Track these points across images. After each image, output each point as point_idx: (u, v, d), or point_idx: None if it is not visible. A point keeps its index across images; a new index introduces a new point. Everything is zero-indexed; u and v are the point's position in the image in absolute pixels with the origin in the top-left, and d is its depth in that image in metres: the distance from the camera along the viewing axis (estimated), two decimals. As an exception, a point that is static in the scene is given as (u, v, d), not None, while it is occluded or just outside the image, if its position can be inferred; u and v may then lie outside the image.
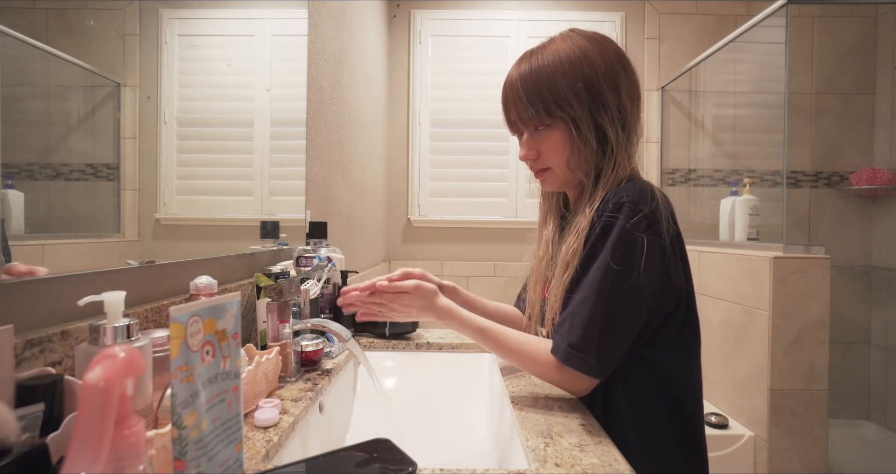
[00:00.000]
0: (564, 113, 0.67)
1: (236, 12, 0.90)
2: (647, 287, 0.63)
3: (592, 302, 0.63)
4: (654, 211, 0.63)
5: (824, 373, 1.57)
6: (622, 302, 0.62)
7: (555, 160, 0.72)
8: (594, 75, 0.66)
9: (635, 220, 0.62)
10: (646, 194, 0.64)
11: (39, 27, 0.48)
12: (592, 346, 0.62)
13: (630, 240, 0.62)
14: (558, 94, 0.67)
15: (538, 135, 0.72)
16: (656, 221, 0.63)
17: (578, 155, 0.70)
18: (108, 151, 0.57)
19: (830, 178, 2.44)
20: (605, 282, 0.62)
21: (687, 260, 0.68)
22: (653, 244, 0.62)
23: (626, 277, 0.62)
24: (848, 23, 2.43)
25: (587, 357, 0.63)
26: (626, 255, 0.62)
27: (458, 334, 1.12)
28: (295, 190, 1.15)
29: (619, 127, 0.68)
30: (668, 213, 0.65)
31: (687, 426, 0.69)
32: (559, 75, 0.67)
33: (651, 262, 0.62)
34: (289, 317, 0.72)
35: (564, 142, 0.69)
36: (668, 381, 0.68)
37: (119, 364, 0.29)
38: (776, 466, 1.57)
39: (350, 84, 1.65)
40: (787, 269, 1.56)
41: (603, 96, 0.67)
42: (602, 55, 0.67)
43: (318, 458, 0.48)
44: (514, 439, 0.64)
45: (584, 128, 0.67)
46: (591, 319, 0.62)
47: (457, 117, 2.52)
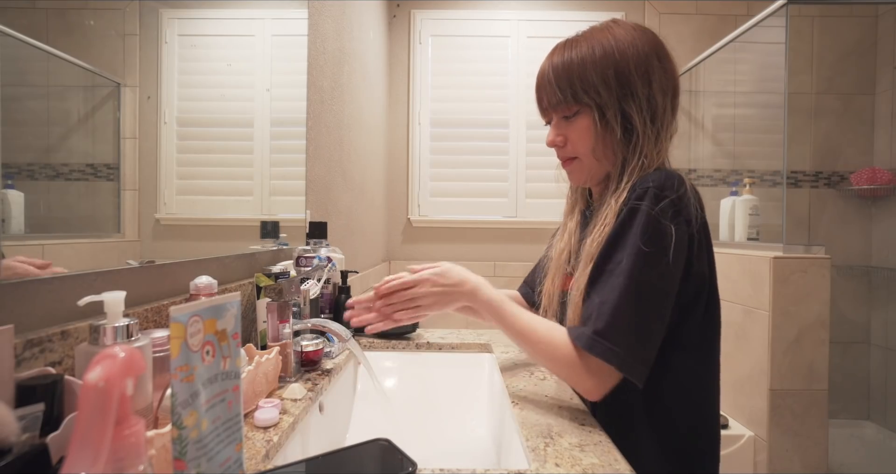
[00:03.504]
0: (591, 100, 0.66)
1: (236, 12, 0.90)
2: (677, 276, 0.60)
3: (623, 288, 0.58)
4: (682, 197, 0.61)
5: (824, 373, 1.57)
6: (655, 289, 0.59)
7: (582, 148, 0.70)
8: (625, 64, 0.65)
9: (661, 206, 0.60)
10: (672, 180, 0.62)
11: (39, 27, 0.47)
12: (621, 335, 0.58)
13: (657, 227, 0.59)
14: (587, 81, 0.66)
15: (566, 122, 0.71)
16: (684, 208, 0.61)
17: (604, 144, 0.68)
18: (108, 151, 0.57)
19: (830, 178, 2.44)
20: (636, 267, 0.58)
21: (712, 252, 0.66)
22: (680, 232, 0.59)
23: (657, 263, 0.59)
24: (848, 23, 2.43)
25: (614, 345, 0.57)
26: (656, 241, 0.59)
27: (457, 334, 1.12)
28: (295, 190, 1.15)
29: (648, 118, 0.66)
30: (696, 201, 0.63)
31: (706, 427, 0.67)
32: (590, 64, 0.66)
33: (679, 251, 0.59)
34: (289, 317, 0.72)
35: (590, 130, 0.68)
36: (687, 380, 0.65)
37: (119, 364, 0.29)
38: (776, 466, 1.57)
39: (350, 84, 1.65)
40: (787, 269, 1.56)
41: (632, 85, 0.65)
42: (637, 44, 0.66)
43: (318, 458, 0.48)
44: (514, 439, 0.64)
45: (610, 115, 0.66)
46: (620, 306, 0.58)
47: (457, 117, 2.52)
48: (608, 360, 0.58)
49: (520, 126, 2.49)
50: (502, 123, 2.50)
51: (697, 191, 0.66)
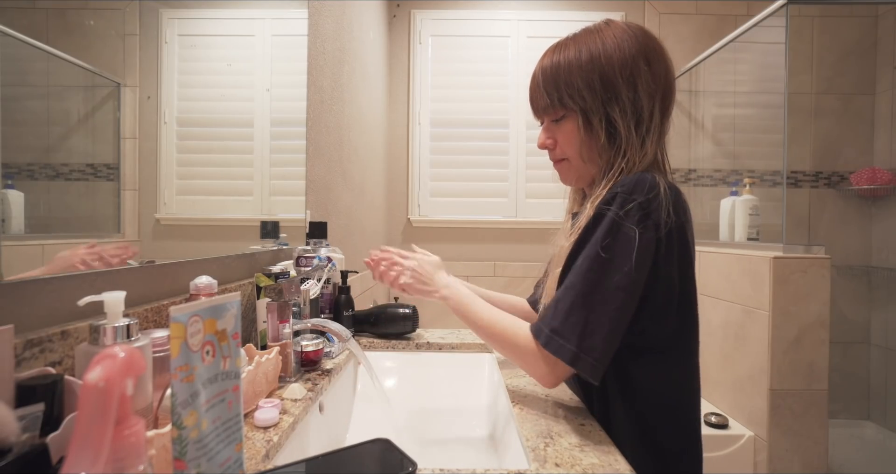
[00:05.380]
0: (575, 104, 0.67)
1: (236, 12, 0.90)
2: (638, 280, 0.60)
3: (577, 290, 0.61)
4: (651, 200, 0.61)
5: (824, 373, 1.57)
6: (610, 293, 0.60)
7: (569, 151, 0.72)
8: (610, 68, 0.65)
9: (627, 210, 0.60)
10: (643, 184, 0.62)
11: (39, 27, 0.47)
12: (573, 332, 0.60)
13: (619, 230, 0.60)
14: (572, 86, 0.67)
15: (555, 125, 0.72)
16: (653, 211, 0.61)
17: (589, 147, 0.69)
18: (108, 151, 0.57)
19: (830, 178, 2.44)
20: (591, 270, 0.61)
21: (689, 254, 0.66)
22: (644, 235, 0.60)
23: (614, 267, 0.60)
24: (848, 23, 2.43)
25: (566, 342, 0.61)
26: (616, 245, 0.60)
27: (457, 334, 1.12)
28: (295, 190, 1.15)
29: (632, 122, 0.66)
30: (668, 204, 0.62)
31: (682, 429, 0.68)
32: (576, 68, 0.67)
33: (642, 254, 0.60)
34: (289, 317, 0.72)
35: (575, 134, 0.69)
36: (659, 383, 0.66)
37: (119, 364, 0.29)
38: (776, 466, 1.57)
39: (350, 84, 1.65)
40: (787, 269, 1.56)
41: (617, 90, 0.66)
42: (624, 47, 0.66)
43: (318, 458, 0.48)
44: (514, 439, 0.64)
45: (595, 120, 0.67)
46: (574, 305, 0.61)
47: (457, 117, 2.52)
48: (560, 356, 0.61)
49: (520, 126, 2.49)
50: (502, 123, 2.50)
51: (682, 195, 0.66)
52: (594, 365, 0.60)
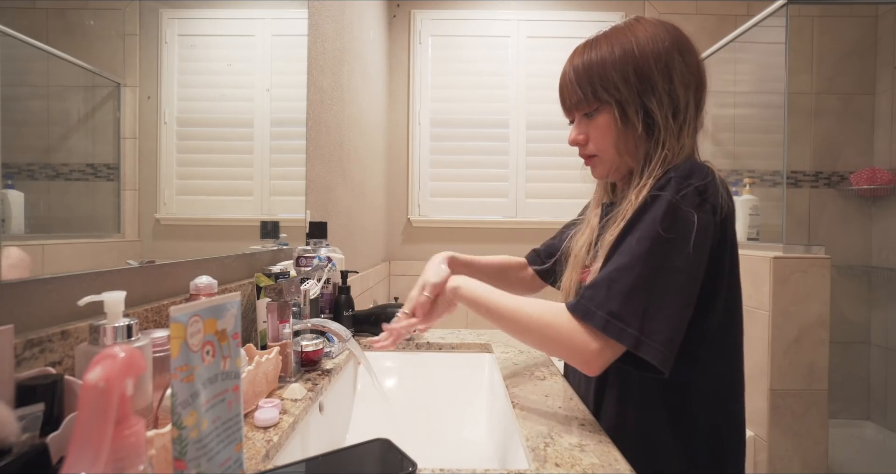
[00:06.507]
0: (610, 96, 0.66)
1: (236, 12, 0.90)
2: (699, 263, 0.58)
3: (636, 272, 0.57)
4: (707, 185, 0.59)
5: (824, 373, 1.57)
6: (673, 276, 0.57)
7: (602, 145, 0.70)
8: (645, 60, 0.65)
9: (684, 194, 0.58)
10: (699, 170, 0.60)
11: (39, 27, 0.47)
12: (636, 316, 0.56)
13: (677, 212, 0.58)
14: (607, 79, 0.66)
15: (587, 120, 0.71)
16: (710, 196, 0.59)
17: (626, 139, 0.68)
18: (108, 151, 0.57)
19: (830, 178, 2.44)
20: (651, 251, 0.57)
21: (735, 245, 0.64)
22: (702, 218, 0.58)
23: (676, 249, 0.57)
24: (848, 23, 2.43)
25: (626, 326, 0.56)
26: (675, 227, 0.57)
27: (457, 334, 1.12)
28: (295, 190, 1.15)
29: (669, 112, 0.66)
30: (724, 191, 0.61)
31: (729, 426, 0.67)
32: (609, 64, 0.66)
33: (701, 237, 0.58)
34: (289, 317, 0.72)
35: (611, 127, 0.68)
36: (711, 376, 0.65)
37: (119, 364, 0.29)
38: (776, 466, 1.57)
39: (350, 84, 1.65)
40: (787, 269, 1.56)
41: (652, 81, 0.65)
42: (657, 39, 0.66)
43: (318, 458, 0.48)
44: (514, 439, 0.64)
45: (631, 111, 0.66)
46: (634, 287, 0.56)
47: (457, 117, 2.52)
48: (622, 341, 0.56)
49: (520, 126, 2.49)
50: (502, 123, 2.50)
51: (727, 184, 0.64)
52: (661, 350, 0.55)
